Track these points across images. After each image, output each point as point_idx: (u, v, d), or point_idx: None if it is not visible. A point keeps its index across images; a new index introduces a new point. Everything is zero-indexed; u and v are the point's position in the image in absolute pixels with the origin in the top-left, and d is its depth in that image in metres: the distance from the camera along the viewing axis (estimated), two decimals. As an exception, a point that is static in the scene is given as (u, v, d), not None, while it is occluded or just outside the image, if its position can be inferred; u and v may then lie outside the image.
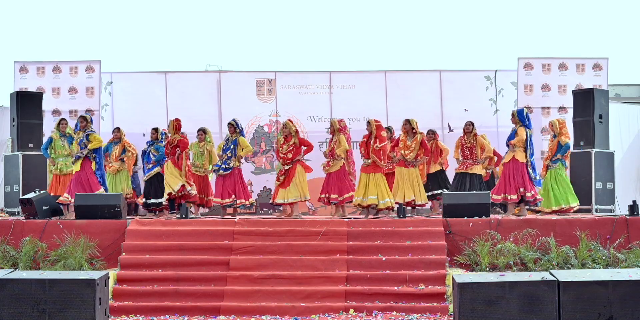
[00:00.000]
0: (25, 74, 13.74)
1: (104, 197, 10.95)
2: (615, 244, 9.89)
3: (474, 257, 9.80)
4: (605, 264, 9.55)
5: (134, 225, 10.45)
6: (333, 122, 11.92)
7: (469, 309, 7.18)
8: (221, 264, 9.70)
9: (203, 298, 9.20)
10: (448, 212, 10.61)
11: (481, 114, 13.88)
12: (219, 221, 10.85)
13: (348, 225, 10.30)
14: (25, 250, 9.98)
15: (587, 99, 12.32)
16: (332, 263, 9.65)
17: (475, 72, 14.39)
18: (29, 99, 12.71)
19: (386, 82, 14.29)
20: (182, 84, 14.32)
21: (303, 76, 14.44)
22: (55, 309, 7.47)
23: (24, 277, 7.69)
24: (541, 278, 7.27)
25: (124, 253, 9.98)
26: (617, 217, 10.36)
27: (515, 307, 7.16)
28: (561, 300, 7.15)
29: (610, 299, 7.11)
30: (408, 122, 11.84)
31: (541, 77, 13.68)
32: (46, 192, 11.34)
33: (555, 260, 9.61)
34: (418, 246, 9.94)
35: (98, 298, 7.56)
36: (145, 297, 9.23)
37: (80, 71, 13.69)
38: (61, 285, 7.52)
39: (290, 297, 9.14)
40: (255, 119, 14.21)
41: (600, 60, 13.71)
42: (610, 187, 12.08)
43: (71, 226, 10.36)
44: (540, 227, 10.13)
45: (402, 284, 9.32)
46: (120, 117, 14.11)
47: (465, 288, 7.22)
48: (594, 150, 12.07)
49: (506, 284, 7.23)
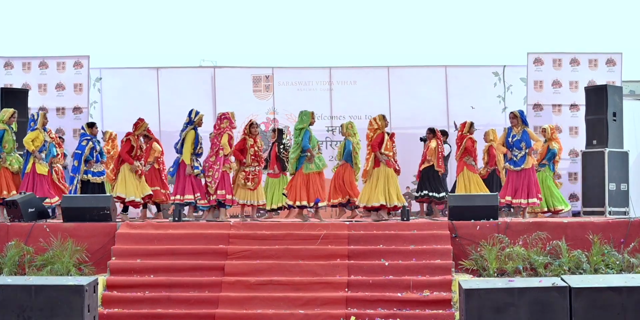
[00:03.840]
0: (10, 69, 13.71)
1: (93, 199, 10.86)
2: (630, 248, 9.77)
3: (482, 261, 9.67)
4: (619, 269, 9.42)
5: (124, 229, 10.36)
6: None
7: (476, 317, 7.09)
8: (216, 269, 9.59)
9: (197, 305, 9.08)
10: (454, 215, 10.51)
11: (489, 112, 13.99)
12: (213, 224, 10.77)
13: (349, 229, 10.24)
14: (10, 254, 9.82)
15: (600, 96, 12.35)
16: (333, 268, 9.54)
17: (482, 68, 14.47)
18: (14, 96, 12.73)
19: (389, 78, 14.37)
20: (175, 81, 14.40)
21: (302, 72, 14.56)
22: (42, 316, 7.37)
23: (8, 283, 7.60)
24: (552, 284, 7.18)
25: (114, 258, 9.87)
26: (632, 220, 10.24)
27: (525, 315, 7.05)
28: (573, 307, 7.04)
29: (624, 305, 6.99)
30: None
31: (552, 72, 13.69)
32: (32, 194, 11.22)
33: (567, 265, 9.48)
34: (422, 250, 9.83)
35: (86, 305, 7.45)
36: (136, 303, 9.12)
37: (68, 67, 13.67)
38: (48, 292, 7.43)
39: (288, 303, 9.04)
40: (251, 116, 14.17)
41: (614, 55, 13.75)
42: (624, 189, 12.12)
43: (58, 229, 10.23)
44: (551, 231, 10.02)
45: (405, 290, 9.18)
46: (110, 115, 14.16)
47: (472, 294, 7.14)
48: (607, 149, 12.08)
49: (515, 290, 7.14)
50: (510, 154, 11.49)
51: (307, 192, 11.02)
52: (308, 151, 10.97)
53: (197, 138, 11.42)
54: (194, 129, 11.42)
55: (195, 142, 11.41)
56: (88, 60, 13.61)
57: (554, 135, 12.36)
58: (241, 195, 11.52)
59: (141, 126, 11.82)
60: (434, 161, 12.42)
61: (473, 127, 12.37)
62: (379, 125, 11.35)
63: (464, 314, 7.23)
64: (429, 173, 12.44)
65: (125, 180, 11.59)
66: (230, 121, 11.44)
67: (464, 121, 12.44)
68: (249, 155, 11.53)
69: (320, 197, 11.07)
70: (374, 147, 11.20)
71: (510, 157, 11.50)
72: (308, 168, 11.01)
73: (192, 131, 11.40)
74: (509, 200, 11.43)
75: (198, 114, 11.46)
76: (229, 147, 11.31)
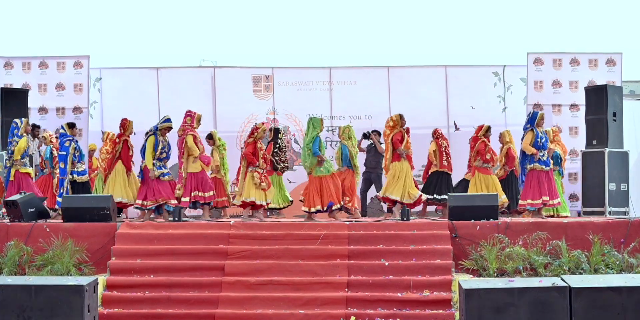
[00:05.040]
0: (10, 69, 13.65)
1: (93, 199, 10.85)
2: (630, 248, 9.75)
3: (482, 261, 9.64)
4: (619, 269, 9.39)
5: (124, 229, 10.34)
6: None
7: (476, 317, 7.07)
8: (216, 269, 9.57)
9: (197, 305, 9.06)
10: (454, 215, 10.46)
11: (489, 112, 13.94)
12: (213, 224, 10.76)
13: (349, 229, 10.22)
14: (10, 254, 9.80)
15: (600, 96, 12.29)
16: (333, 268, 9.51)
17: (482, 68, 14.44)
18: (14, 96, 12.73)
19: (389, 78, 14.33)
20: (175, 81, 14.36)
21: (302, 72, 14.52)
22: (42, 316, 7.35)
23: (8, 283, 7.58)
24: (552, 284, 7.17)
25: (114, 258, 9.84)
26: (632, 220, 10.19)
27: (525, 315, 7.03)
28: (573, 307, 7.02)
29: (624, 305, 6.98)
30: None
31: (552, 72, 13.63)
32: (32, 194, 11.21)
33: (567, 265, 9.46)
34: (422, 250, 9.80)
35: (86, 305, 7.43)
36: (136, 303, 9.10)
37: (68, 67, 13.60)
38: (48, 292, 7.41)
39: (288, 303, 9.02)
40: (251, 116, 14.28)
41: (614, 55, 13.70)
42: (624, 189, 12.05)
43: (58, 229, 10.22)
44: (551, 231, 9.99)
45: (405, 290, 9.16)
46: (110, 115, 14.08)
47: (472, 294, 7.13)
48: (607, 149, 12.02)
49: (515, 290, 7.13)
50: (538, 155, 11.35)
51: (321, 197, 11.15)
52: (318, 157, 11.13)
53: (157, 143, 11.49)
54: (154, 134, 11.52)
55: (155, 147, 11.47)
56: (88, 60, 13.55)
57: (556, 137, 12.35)
58: (257, 195, 11.55)
59: (129, 126, 11.90)
60: (437, 163, 12.48)
61: (489, 131, 12.36)
62: (396, 123, 11.76)
63: (463, 313, 7.23)
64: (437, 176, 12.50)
65: (115, 181, 11.69)
66: (192, 119, 11.61)
67: (482, 124, 12.43)
68: (260, 159, 11.63)
69: (334, 201, 11.16)
70: (396, 144, 11.64)
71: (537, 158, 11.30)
72: (318, 171, 11.13)
73: (152, 137, 11.51)
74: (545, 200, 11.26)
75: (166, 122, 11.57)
76: (196, 148, 11.51)
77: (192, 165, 11.55)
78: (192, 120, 11.60)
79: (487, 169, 12.20)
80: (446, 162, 12.52)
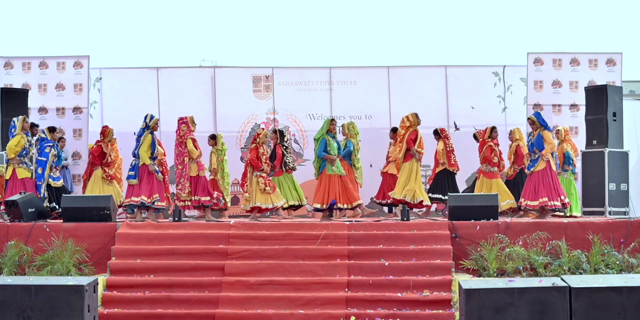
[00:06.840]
0: (10, 69, 13.62)
1: (93, 199, 10.83)
2: (630, 248, 9.75)
3: (482, 261, 9.64)
4: (619, 269, 9.40)
5: (124, 229, 10.34)
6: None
7: (477, 317, 7.05)
8: (216, 269, 9.57)
9: (197, 305, 9.06)
10: (454, 215, 10.45)
11: (489, 112, 13.91)
12: (213, 224, 10.76)
13: (349, 229, 10.23)
14: (10, 254, 9.81)
15: (600, 96, 12.25)
16: (333, 268, 9.51)
17: (482, 68, 14.40)
18: (14, 96, 12.67)
19: (389, 79, 14.28)
20: (175, 81, 14.32)
21: (302, 72, 14.48)
22: (42, 316, 7.33)
23: (8, 283, 7.56)
24: (552, 284, 7.14)
25: (114, 258, 9.84)
26: (632, 220, 10.19)
27: (525, 315, 7.01)
28: (573, 307, 7.00)
29: (624, 305, 6.95)
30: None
31: (552, 72, 13.60)
32: (32, 194, 11.17)
33: (567, 265, 9.46)
34: (422, 250, 9.80)
35: (86, 305, 7.42)
36: (136, 303, 9.10)
37: (68, 67, 13.58)
38: (48, 292, 7.40)
39: (288, 304, 9.02)
40: (251, 116, 14.27)
41: (614, 55, 13.67)
42: (624, 189, 12.01)
43: (58, 229, 10.23)
44: (551, 231, 9.99)
45: (405, 290, 9.16)
46: (110, 115, 14.09)
47: (473, 294, 7.10)
48: (607, 149, 11.99)
49: (515, 290, 7.11)
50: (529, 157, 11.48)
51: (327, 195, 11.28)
52: (324, 158, 11.29)
53: (154, 142, 11.59)
54: (151, 133, 11.61)
55: (153, 146, 11.56)
56: (88, 60, 13.53)
57: (567, 136, 12.31)
58: (262, 200, 11.70)
59: (108, 133, 12.20)
60: (445, 162, 12.48)
61: (494, 131, 12.30)
62: (412, 123, 11.81)
63: (463, 313, 7.18)
64: (443, 176, 12.50)
65: (94, 185, 11.95)
66: (187, 126, 11.76)
67: (485, 127, 12.39)
68: (264, 163, 11.74)
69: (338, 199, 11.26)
70: (409, 143, 11.68)
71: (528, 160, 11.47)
72: (330, 169, 11.31)
73: (149, 135, 11.59)
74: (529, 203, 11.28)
75: (153, 118, 11.67)
76: (196, 151, 11.75)
77: (192, 169, 11.77)
78: (188, 126, 11.78)
79: (493, 173, 12.18)
80: (453, 162, 12.53)
